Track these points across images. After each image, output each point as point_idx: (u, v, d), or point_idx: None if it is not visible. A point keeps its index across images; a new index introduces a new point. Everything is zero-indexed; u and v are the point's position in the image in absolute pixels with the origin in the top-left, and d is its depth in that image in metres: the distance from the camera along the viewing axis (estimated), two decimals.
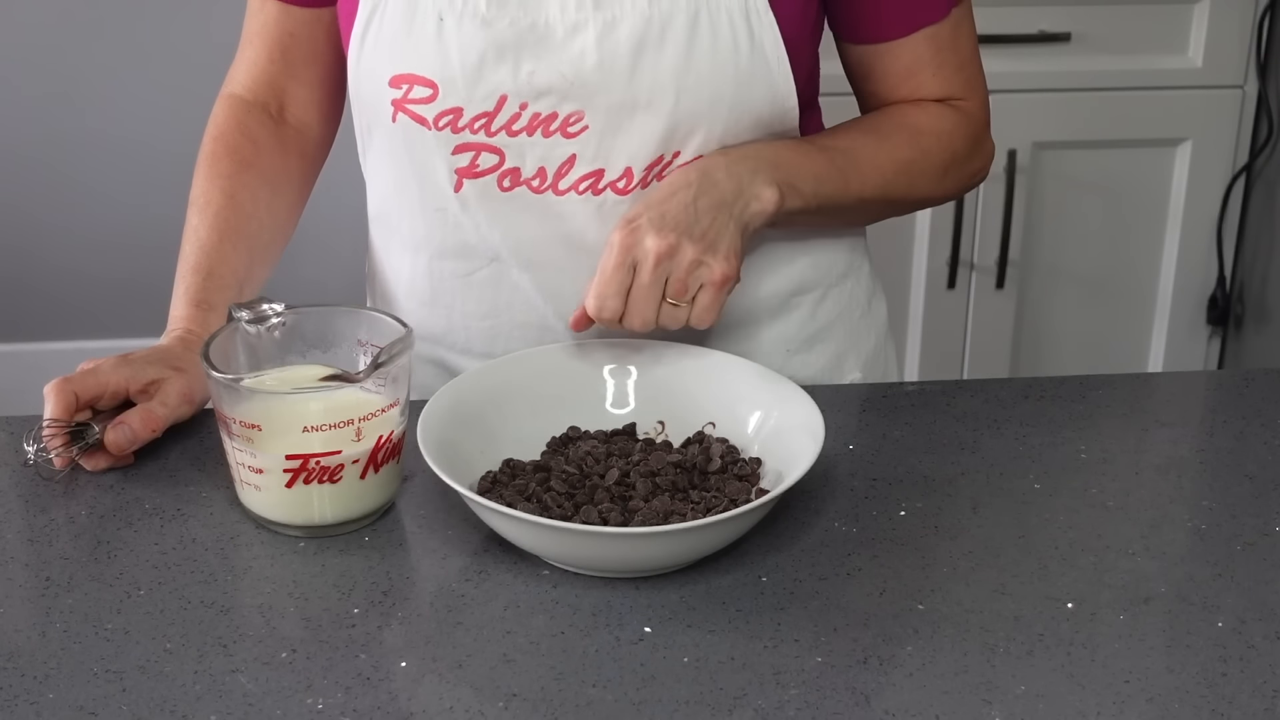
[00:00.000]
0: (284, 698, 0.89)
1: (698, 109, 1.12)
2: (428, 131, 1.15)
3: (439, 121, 1.14)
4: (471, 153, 1.15)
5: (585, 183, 1.15)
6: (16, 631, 0.95)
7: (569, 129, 1.13)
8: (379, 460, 1.04)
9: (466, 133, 1.14)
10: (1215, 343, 2.67)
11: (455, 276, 1.22)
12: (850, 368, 1.31)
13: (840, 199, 1.18)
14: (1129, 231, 2.57)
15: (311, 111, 1.29)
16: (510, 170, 1.15)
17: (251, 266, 1.23)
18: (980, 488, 1.10)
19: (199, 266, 1.20)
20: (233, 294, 1.20)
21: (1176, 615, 0.97)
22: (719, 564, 1.00)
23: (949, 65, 1.23)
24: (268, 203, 1.26)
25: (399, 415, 1.05)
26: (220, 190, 1.24)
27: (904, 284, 2.57)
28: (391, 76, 1.14)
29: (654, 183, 1.15)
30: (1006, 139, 2.47)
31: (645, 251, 1.08)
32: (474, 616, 0.96)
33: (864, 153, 1.20)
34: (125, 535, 1.05)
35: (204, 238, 1.22)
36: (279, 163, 1.28)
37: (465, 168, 1.16)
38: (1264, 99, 2.49)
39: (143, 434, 1.10)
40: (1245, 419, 1.20)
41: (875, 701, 0.88)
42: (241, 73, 1.29)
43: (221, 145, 1.26)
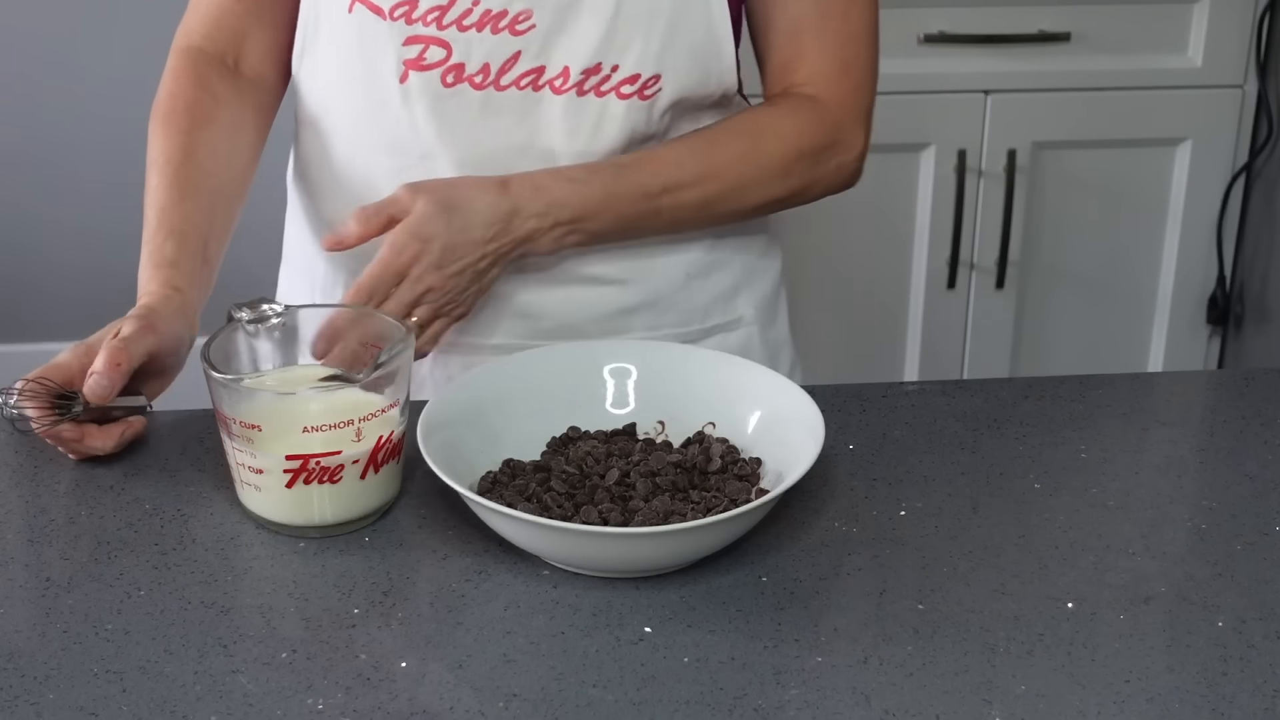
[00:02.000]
0: (284, 698, 0.89)
1: (637, 17, 1.18)
2: (382, 22, 1.19)
3: (394, 12, 1.19)
4: (421, 45, 1.20)
5: (526, 79, 1.20)
6: (16, 632, 0.95)
7: (516, 26, 1.18)
8: (379, 460, 1.03)
9: (419, 24, 1.19)
10: (1215, 343, 2.67)
11: (388, 174, 1.24)
12: (744, 303, 1.34)
13: (644, 228, 1.24)
14: (1129, 231, 2.57)
15: (269, 62, 1.30)
16: (455, 66, 1.20)
17: (213, 223, 1.23)
18: (980, 488, 1.10)
19: (161, 226, 1.20)
20: (197, 249, 1.20)
21: (1176, 615, 0.97)
22: (719, 564, 1.00)
23: (831, 36, 1.26)
24: (227, 158, 1.26)
25: (399, 415, 1.05)
26: (179, 146, 1.24)
27: (904, 284, 2.57)
28: None
29: (590, 93, 1.20)
30: (1006, 139, 2.47)
31: (420, 280, 1.17)
32: (474, 616, 0.96)
33: (681, 169, 1.23)
34: (125, 535, 1.05)
35: (164, 198, 1.22)
36: (237, 117, 1.28)
37: (413, 59, 1.20)
38: (1264, 99, 2.49)
39: (112, 371, 1.07)
40: (1245, 419, 1.20)
41: (875, 701, 0.88)
42: (199, 20, 1.30)
43: (181, 101, 1.26)
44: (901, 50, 2.42)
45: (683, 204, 1.23)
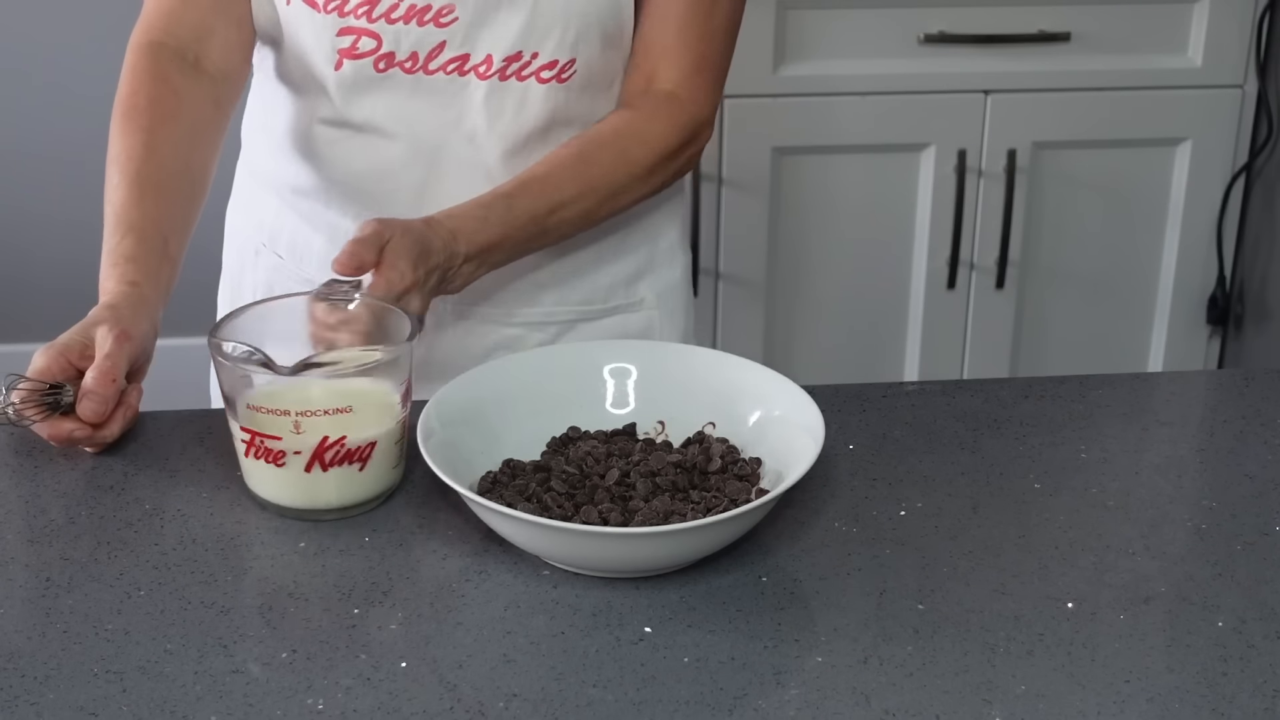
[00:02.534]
0: (284, 698, 0.89)
1: (553, 12, 1.24)
2: (317, 14, 1.25)
3: (327, 6, 1.24)
4: (353, 35, 1.25)
5: (452, 65, 1.26)
6: (16, 632, 0.95)
7: (440, 19, 1.24)
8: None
9: (350, 17, 1.24)
10: (1215, 343, 2.67)
11: (332, 142, 1.32)
12: (646, 288, 1.40)
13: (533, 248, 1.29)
14: (1129, 231, 2.57)
15: (231, 57, 1.31)
16: (386, 54, 1.26)
17: (174, 220, 1.24)
18: (980, 488, 1.10)
19: (119, 222, 1.22)
20: (157, 245, 1.21)
21: (1176, 615, 0.97)
22: (719, 564, 1.00)
23: (694, 31, 1.30)
24: (188, 154, 1.27)
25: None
26: (140, 144, 1.25)
27: (904, 284, 2.57)
28: None
29: (512, 78, 1.26)
30: (1006, 139, 2.47)
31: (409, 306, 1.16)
32: (474, 616, 0.96)
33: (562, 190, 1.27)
34: (125, 535, 1.05)
35: (124, 196, 1.23)
36: (198, 112, 1.29)
37: (347, 49, 1.26)
38: (1264, 99, 2.49)
39: (105, 388, 1.09)
40: (1245, 419, 1.20)
41: (875, 701, 0.88)
42: (159, 15, 1.30)
43: (142, 97, 1.27)
44: (901, 50, 2.42)
45: (566, 220, 1.28)
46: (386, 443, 1.06)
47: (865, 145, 2.47)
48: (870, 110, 2.45)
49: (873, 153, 2.49)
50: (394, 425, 1.06)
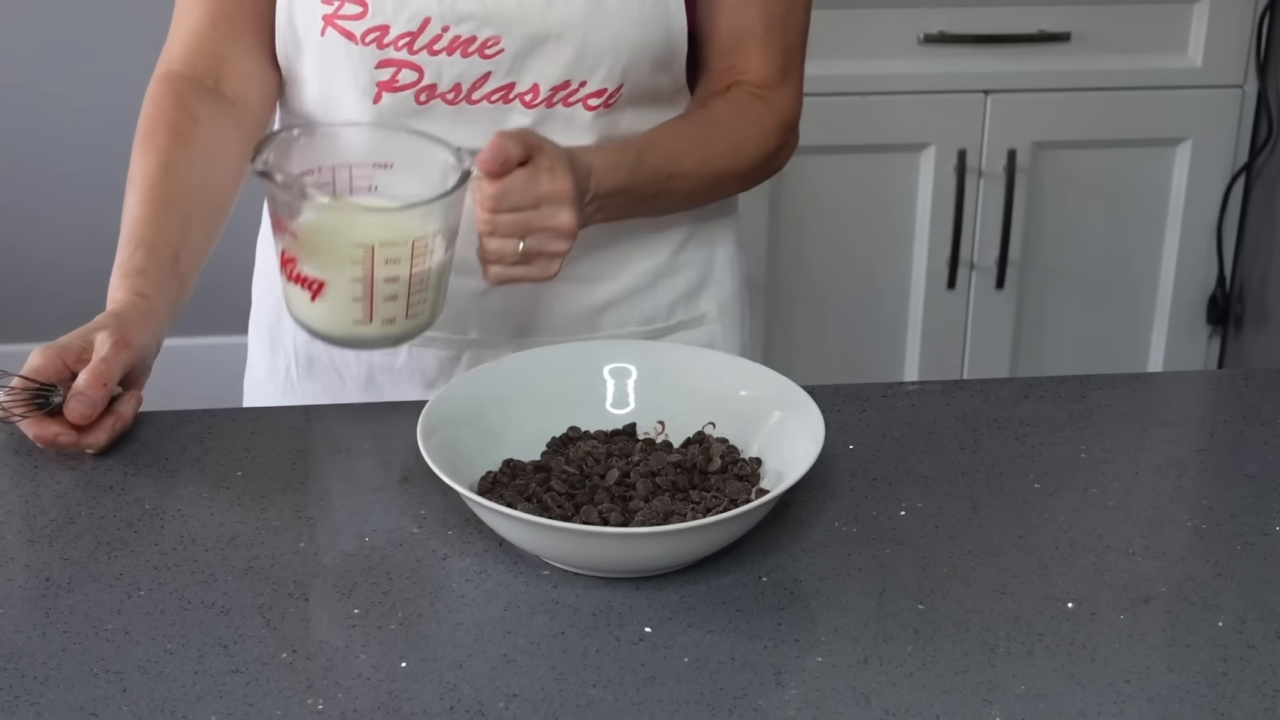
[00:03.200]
0: (284, 698, 0.89)
1: (603, 43, 1.21)
2: (354, 47, 1.22)
3: (365, 38, 1.21)
4: (393, 68, 1.22)
5: (496, 95, 1.23)
6: (16, 632, 0.95)
7: (486, 50, 1.21)
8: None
9: (390, 49, 1.21)
10: (1215, 343, 2.66)
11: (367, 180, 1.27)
12: (707, 301, 1.38)
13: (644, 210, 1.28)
14: (1129, 231, 2.57)
15: (251, 85, 1.30)
16: (427, 86, 1.23)
17: (188, 236, 1.24)
18: (980, 488, 1.10)
19: (130, 236, 1.22)
20: (167, 260, 1.21)
21: (1176, 615, 0.97)
22: (719, 564, 1.00)
23: (777, 45, 1.29)
24: (205, 176, 1.27)
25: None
26: (157, 163, 1.25)
27: (904, 284, 2.57)
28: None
29: (559, 104, 1.24)
30: (1006, 139, 2.47)
31: (556, 215, 1.13)
32: (474, 616, 0.96)
33: (681, 160, 1.26)
34: (125, 535, 1.05)
35: (137, 212, 1.23)
36: (217, 135, 1.28)
37: (386, 82, 1.23)
38: (1264, 99, 2.49)
39: (95, 391, 1.10)
40: (1245, 419, 1.20)
41: (875, 701, 0.88)
42: (179, 46, 1.30)
43: (160, 121, 1.27)
44: (901, 50, 2.42)
45: (677, 191, 1.27)
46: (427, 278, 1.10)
47: (865, 145, 2.47)
48: (870, 110, 2.45)
49: (873, 153, 2.49)
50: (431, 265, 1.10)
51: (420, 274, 1.10)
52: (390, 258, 1.08)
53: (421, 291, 1.12)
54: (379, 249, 1.08)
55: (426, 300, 1.13)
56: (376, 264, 1.08)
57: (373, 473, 1.12)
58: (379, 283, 1.09)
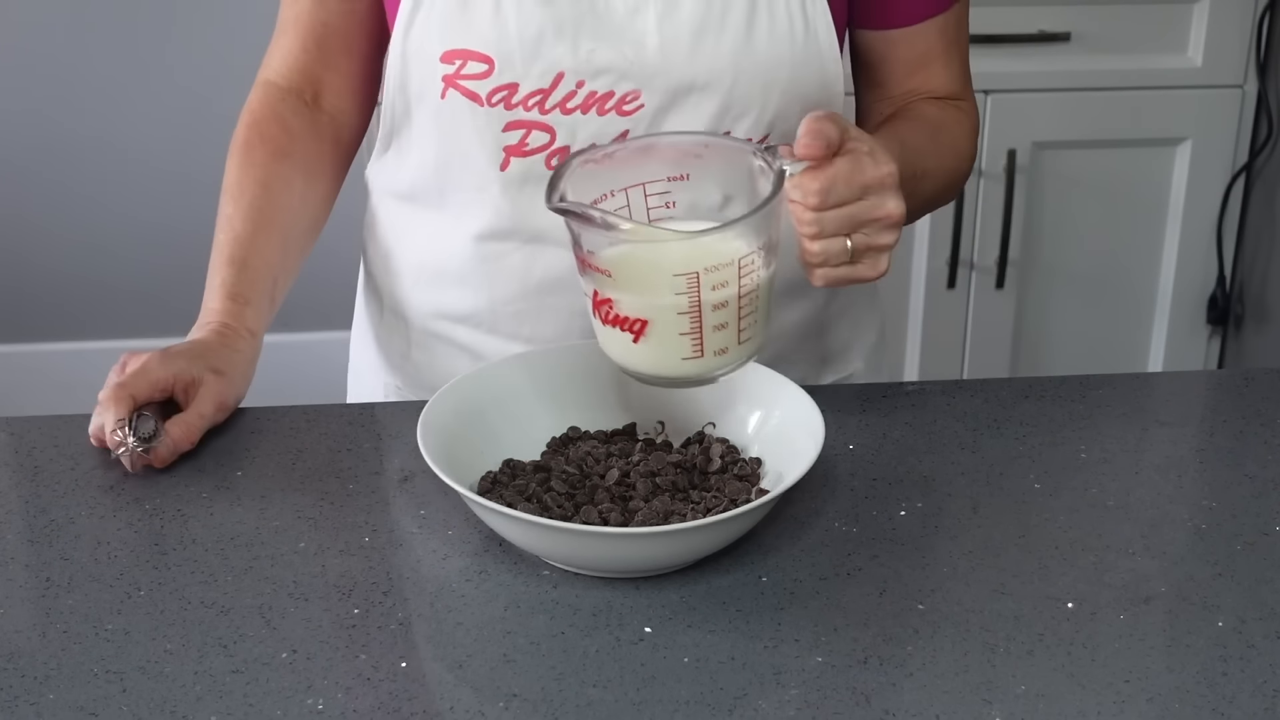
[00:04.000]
0: (284, 698, 0.89)
1: (752, 91, 1.14)
2: (479, 109, 1.14)
3: (492, 98, 1.14)
4: (522, 130, 1.15)
5: None
6: (16, 632, 0.95)
7: (624, 107, 1.14)
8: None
9: (520, 110, 1.14)
10: (1215, 343, 2.67)
11: (489, 259, 1.22)
12: (855, 357, 1.34)
13: (920, 211, 1.18)
14: (1129, 231, 2.57)
15: (347, 99, 1.28)
16: (560, 149, 1.15)
17: (286, 257, 1.23)
18: (980, 488, 1.10)
19: (234, 258, 1.20)
20: (267, 287, 1.21)
21: (1176, 615, 0.97)
22: (719, 564, 1.00)
23: (956, 59, 1.25)
24: (302, 192, 1.26)
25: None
26: (255, 180, 1.24)
27: (904, 284, 2.57)
28: (444, 52, 1.14)
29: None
30: (1006, 139, 2.47)
31: (884, 203, 1.02)
32: (474, 616, 0.96)
33: (923, 158, 1.17)
34: (125, 535, 1.05)
35: (239, 229, 1.21)
36: (314, 150, 1.27)
37: (514, 146, 1.16)
38: (1264, 99, 2.49)
39: (184, 445, 1.12)
40: (1245, 419, 1.20)
41: (875, 701, 0.88)
42: (276, 60, 1.29)
43: (256, 133, 1.26)
44: None
45: (920, 194, 1.15)
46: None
47: None
48: None
49: None
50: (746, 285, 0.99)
51: (748, 294, 1.00)
52: (717, 282, 0.98)
53: (751, 314, 1.01)
54: (705, 275, 0.98)
55: (757, 322, 1.02)
56: (704, 292, 0.98)
57: (373, 473, 1.12)
58: (707, 311, 0.99)
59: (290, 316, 1.41)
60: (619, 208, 1.03)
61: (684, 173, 1.04)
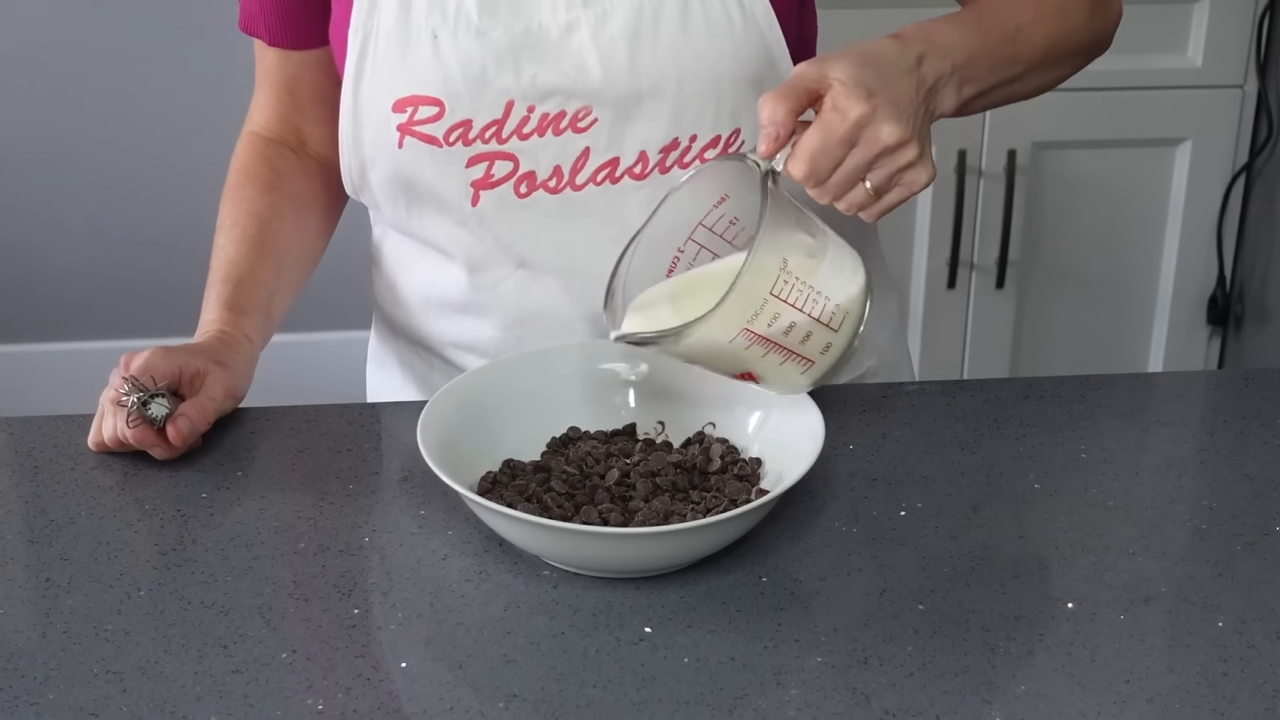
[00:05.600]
0: (284, 698, 0.89)
1: (702, 88, 1.13)
2: (439, 150, 1.15)
3: (449, 137, 1.14)
4: (485, 163, 1.15)
5: (602, 173, 1.15)
6: (16, 632, 0.95)
7: (579, 124, 1.14)
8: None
9: (478, 143, 1.14)
10: (1215, 343, 2.67)
11: (483, 288, 1.22)
12: (866, 358, 1.33)
13: (1006, 76, 1.13)
14: (1129, 231, 2.57)
15: (330, 146, 1.28)
16: (526, 175, 1.15)
17: (280, 279, 1.25)
18: (980, 488, 1.10)
19: (229, 277, 1.22)
20: (263, 303, 1.22)
21: (1176, 615, 0.97)
22: (719, 564, 1.00)
23: None
24: (294, 222, 1.27)
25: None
26: (246, 212, 1.26)
27: (904, 284, 2.57)
28: (394, 102, 1.15)
29: (674, 168, 1.15)
30: (1006, 139, 2.47)
31: (876, 139, 0.99)
32: (474, 617, 0.96)
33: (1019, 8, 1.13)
34: (125, 535, 1.05)
35: (232, 253, 1.23)
36: (304, 188, 1.29)
37: (480, 179, 1.16)
38: (1264, 99, 2.49)
39: (200, 425, 1.12)
40: (1245, 419, 1.20)
41: (875, 701, 0.88)
42: (257, 113, 1.31)
43: (244, 175, 1.28)
44: None
45: (1032, 45, 1.13)
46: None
47: None
48: None
49: None
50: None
51: (810, 296, 0.98)
52: (770, 320, 0.97)
53: (824, 301, 0.99)
54: (755, 324, 0.96)
55: (839, 302, 1.00)
56: (771, 334, 0.97)
57: (373, 473, 1.12)
58: (785, 339, 0.98)
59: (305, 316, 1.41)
60: (697, 254, 1.03)
61: (723, 194, 1.02)
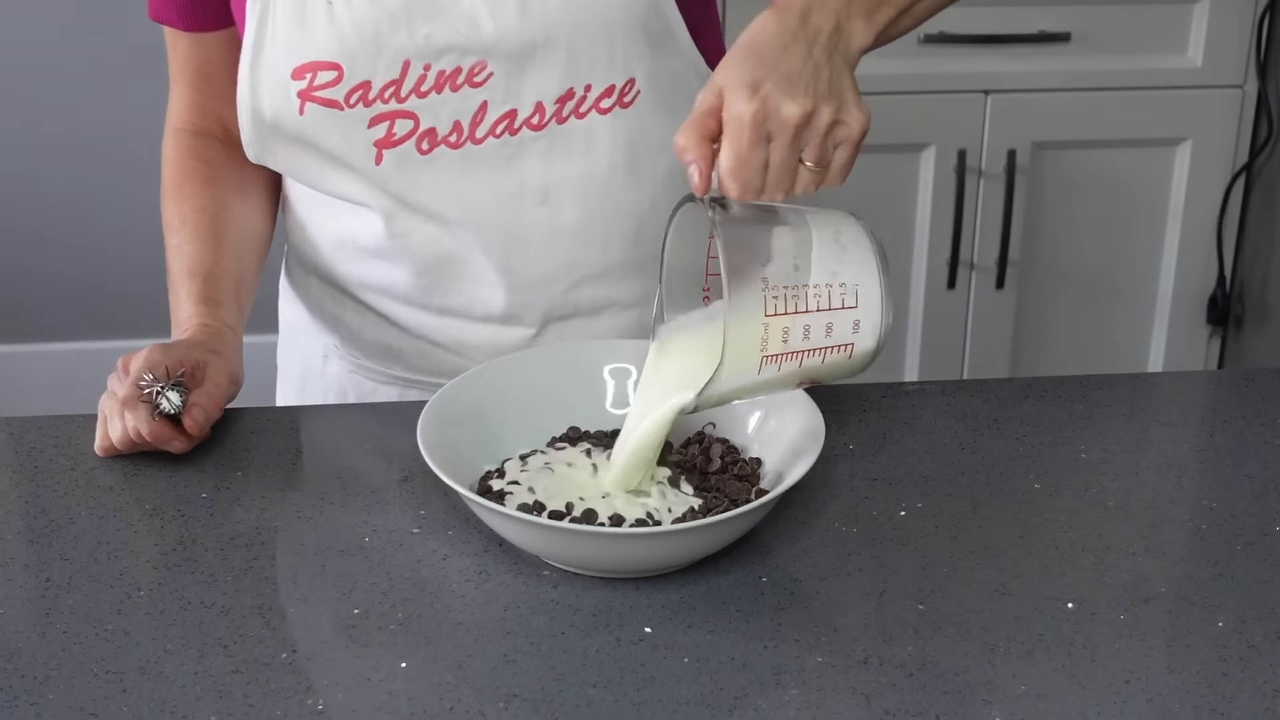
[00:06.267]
0: (284, 698, 0.89)
1: (593, 38, 1.16)
2: (340, 113, 1.17)
3: (350, 99, 1.16)
4: (386, 123, 1.17)
5: (501, 126, 1.18)
6: (16, 632, 0.95)
7: (475, 79, 1.16)
8: None
9: (378, 103, 1.16)
10: (1215, 343, 2.67)
11: (395, 236, 1.24)
12: None
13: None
14: (1129, 231, 2.57)
15: None
16: (427, 132, 1.18)
17: (242, 267, 1.26)
18: (980, 488, 1.10)
19: (194, 273, 1.23)
20: (232, 292, 1.22)
21: (1176, 615, 0.97)
22: (719, 564, 1.00)
23: None
24: (240, 209, 1.28)
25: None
26: (192, 208, 1.26)
27: (904, 284, 2.56)
28: (294, 69, 1.17)
29: (570, 118, 1.18)
30: (1006, 139, 2.47)
31: (783, 123, 0.96)
32: (474, 616, 0.96)
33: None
34: (125, 535, 1.05)
35: (189, 250, 1.24)
36: (240, 173, 1.29)
37: (383, 139, 1.18)
38: (1264, 99, 2.49)
39: (214, 412, 1.13)
40: (1245, 419, 1.20)
41: (875, 701, 0.88)
42: (177, 109, 1.32)
43: (179, 172, 1.29)
44: (901, 50, 2.41)
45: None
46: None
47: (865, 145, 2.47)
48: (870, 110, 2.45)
49: (873, 153, 2.47)
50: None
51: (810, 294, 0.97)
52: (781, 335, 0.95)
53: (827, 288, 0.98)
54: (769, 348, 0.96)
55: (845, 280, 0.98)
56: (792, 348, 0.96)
57: (373, 473, 1.12)
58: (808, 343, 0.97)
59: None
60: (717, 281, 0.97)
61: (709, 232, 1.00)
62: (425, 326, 1.28)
